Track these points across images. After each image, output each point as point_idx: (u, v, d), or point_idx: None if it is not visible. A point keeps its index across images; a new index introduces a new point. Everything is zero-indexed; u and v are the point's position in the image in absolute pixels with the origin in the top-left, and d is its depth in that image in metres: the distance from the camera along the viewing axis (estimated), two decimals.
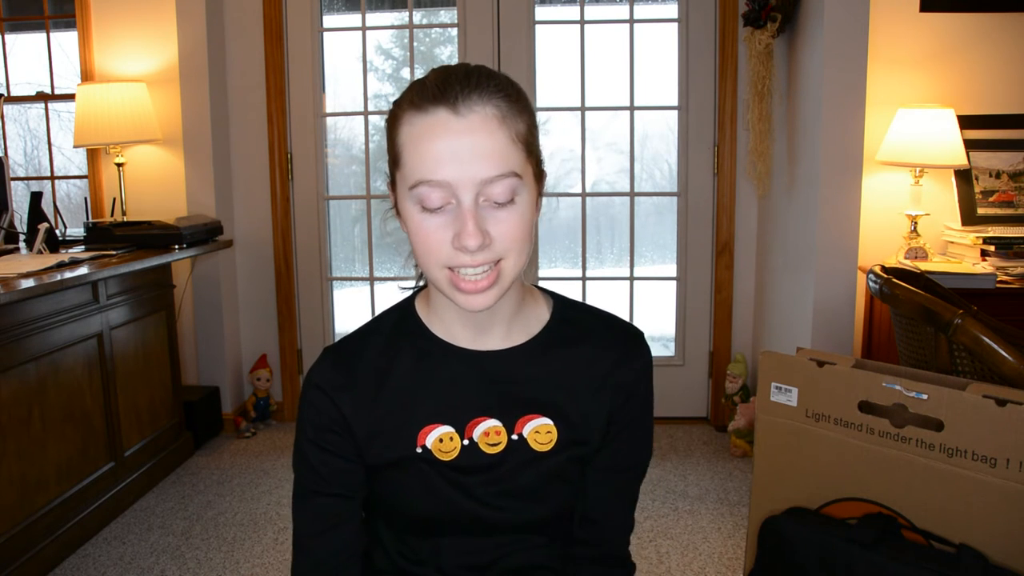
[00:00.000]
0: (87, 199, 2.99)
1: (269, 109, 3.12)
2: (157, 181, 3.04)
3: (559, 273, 3.32)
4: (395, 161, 0.82)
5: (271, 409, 3.26)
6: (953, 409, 0.98)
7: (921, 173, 2.43)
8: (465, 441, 0.88)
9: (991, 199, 2.52)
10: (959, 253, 2.41)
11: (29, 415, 2.07)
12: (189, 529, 2.36)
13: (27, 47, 3.63)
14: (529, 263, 0.84)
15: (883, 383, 1.03)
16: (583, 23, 3.05)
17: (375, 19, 3.25)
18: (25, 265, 2.13)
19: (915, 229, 2.42)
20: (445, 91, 0.77)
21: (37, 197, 2.58)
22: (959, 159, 2.36)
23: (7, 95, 3.33)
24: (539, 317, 0.93)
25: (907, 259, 2.33)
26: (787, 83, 2.69)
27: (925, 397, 1.00)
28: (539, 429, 0.89)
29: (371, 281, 3.28)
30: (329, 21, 3.20)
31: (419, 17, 3.29)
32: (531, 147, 0.81)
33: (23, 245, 2.58)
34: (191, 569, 2.13)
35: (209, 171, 3.02)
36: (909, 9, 2.55)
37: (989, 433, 0.95)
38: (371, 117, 3.19)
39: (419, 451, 0.88)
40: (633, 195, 3.13)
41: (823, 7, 2.28)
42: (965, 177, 2.53)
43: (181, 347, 3.03)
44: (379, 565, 0.96)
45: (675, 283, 3.18)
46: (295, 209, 3.21)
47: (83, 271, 2.13)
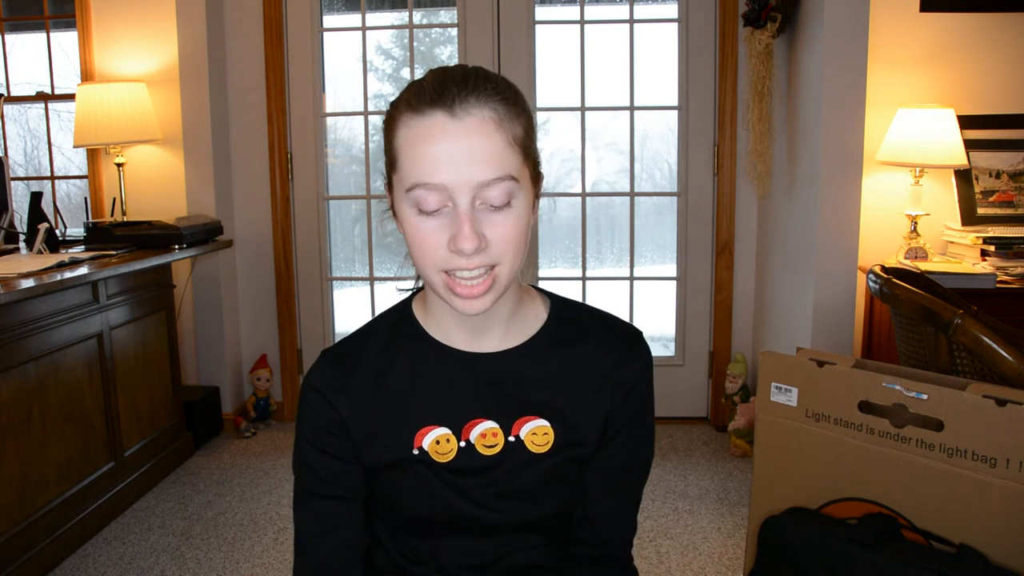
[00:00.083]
0: (87, 199, 2.99)
1: (269, 109, 3.13)
2: (157, 181, 3.04)
3: (559, 273, 3.32)
4: (392, 163, 0.82)
5: (271, 409, 3.27)
6: (953, 409, 0.98)
7: (921, 173, 2.43)
8: (462, 443, 0.88)
9: (991, 199, 2.52)
10: (959, 253, 2.41)
11: (29, 415, 2.07)
12: (189, 529, 2.36)
13: (27, 47, 3.63)
14: (529, 263, 0.84)
15: (883, 383, 1.03)
16: (583, 23, 3.05)
17: (375, 19, 3.25)
18: (25, 265, 2.13)
19: (915, 229, 2.42)
20: (442, 94, 0.76)
21: (37, 197, 2.58)
22: (959, 159, 2.36)
23: (7, 95, 3.33)
24: (536, 318, 0.92)
25: (907, 259, 2.33)
26: (787, 83, 2.69)
27: (925, 397, 1.00)
28: (536, 431, 0.89)
29: (371, 281, 3.28)
30: (329, 21, 3.20)
31: (419, 17, 3.29)
32: (528, 150, 0.81)
33: (23, 245, 2.58)
34: (191, 569, 2.13)
35: (209, 171, 3.02)
36: (909, 9, 2.55)
37: (989, 433, 0.95)
38: (371, 117, 3.19)
39: (416, 453, 0.88)
40: (633, 195, 3.13)
41: (823, 7, 2.28)
42: (965, 177, 2.53)
43: (181, 347, 3.03)
44: (380, 565, 0.96)
45: (675, 283, 3.18)
46: (295, 209, 3.21)
47: (83, 271, 2.13)
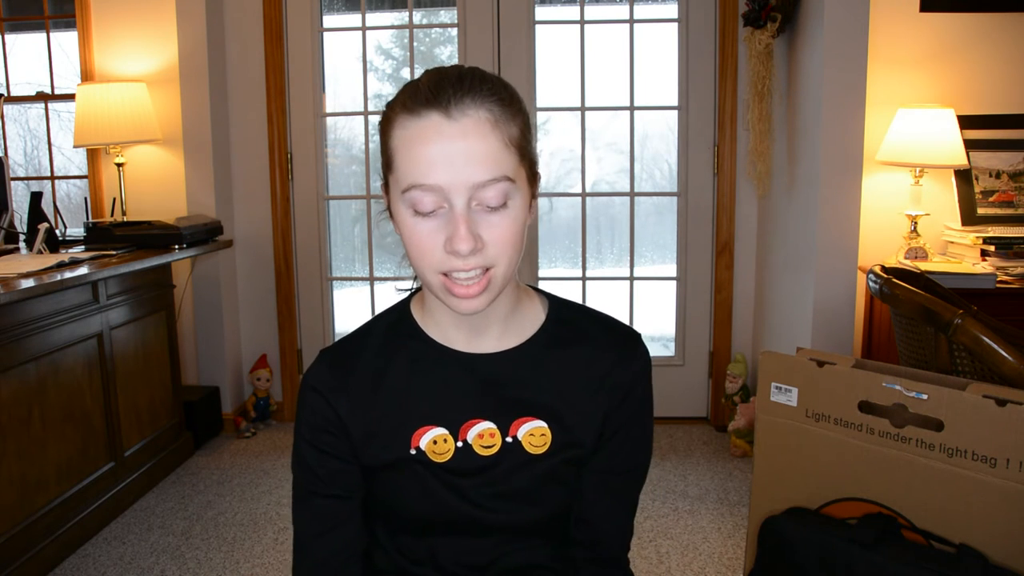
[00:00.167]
0: (87, 199, 2.99)
1: (269, 109, 3.13)
2: (157, 181, 3.04)
3: (559, 273, 3.32)
4: (388, 164, 0.82)
5: (271, 409, 3.27)
6: (953, 409, 0.98)
7: (921, 173, 2.43)
8: (459, 443, 0.88)
9: (991, 199, 2.52)
10: (959, 253, 2.41)
11: (29, 415, 2.07)
12: (189, 529, 2.36)
13: (27, 47, 3.63)
14: (529, 263, 0.84)
15: (883, 383, 1.03)
16: (583, 23, 3.05)
17: (375, 19, 3.25)
18: (25, 265, 2.13)
19: (915, 229, 2.42)
20: (438, 95, 0.76)
21: (37, 197, 2.58)
22: (959, 159, 2.36)
23: (7, 95, 3.33)
24: (534, 318, 0.92)
25: (907, 259, 2.33)
26: (787, 83, 2.69)
27: (925, 397, 1.00)
28: (533, 432, 0.88)
29: (371, 281, 3.28)
30: (329, 21, 3.20)
31: (419, 17, 3.29)
32: (524, 150, 0.81)
33: (23, 245, 2.58)
34: (191, 569, 2.13)
35: (209, 171, 3.02)
36: (909, 9, 2.55)
37: (989, 433, 0.95)
38: (371, 117, 3.19)
39: (413, 453, 0.88)
40: (633, 195, 3.13)
41: (823, 7, 2.28)
42: (965, 177, 2.53)
43: (181, 347, 3.03)
44: (379, 565, 0.96)
45: (675, 283, 3.18)
46: (295, 209, 3.21)
47: (83, 271, 2.13)
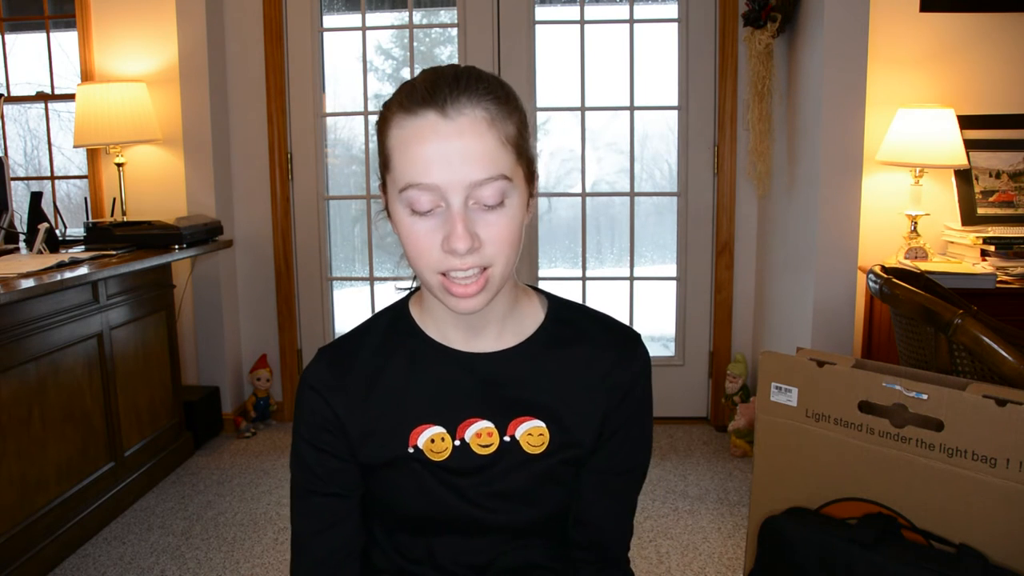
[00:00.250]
0: (87, 199, 2.99)
1: (269, 109, 3.13)
2: (157, 181, 3.04)
3: (559, 273, 3.32)
4: (385, 164, 0.82)
5: (271, 409, 3.26)
6: (953, 409, 0.98)
7: (921, 173, 2.43)
8: (456, 442, 0.88)
9: (991, 199, 2.52)
10: (959, 253, 2.41)
11: (29, 415, 2.07)
12: (189, 529, 2.36)
13: (27, 47, 3.63)
14: (529, 263, 0.84)
15: (883, 383, 1.03)
16: (583, 23, 3.05)
17: (375, 19, 3.25)
18: (25, 265, 2.13)
19: (915, 229, 2.42)
20: (434, 94, 0.76)
21: (37, 197, 2.58)
22: (959, 159, 2.36)
23: (7, 95, 3.33)
24: (533, 318, 0.92)
25: (907, 259, 2.33)
26: (787, 83, 2.69)
27: (925, 397, 1.00)
28: (531, 431, 0.88)
29: (371, 281, 3.28)
30: (329, 21, 3.20)
31: (419, 17, 3.29)
32: (522, 149, 0.81)
33: (23, 245, 2.58)
34: (191, 569, 2.13)
35: (209, 171, 3.02)
36: (909, 9, 2.55)
37: (989, 433, 0.95)
38: (371, 117, 3.19)
39: (411, 451, 0.88)
40: (633, 195, 3.13)
41: (823, 7, 2.28)
42: (965, 177, 2.53)
43: (181, 347, 3.03)
44: (377, 564, 0.96)
45: (675, 283, 3.17)
46: (295, 209, 3.21)
47: (83, 271, 2.13)
